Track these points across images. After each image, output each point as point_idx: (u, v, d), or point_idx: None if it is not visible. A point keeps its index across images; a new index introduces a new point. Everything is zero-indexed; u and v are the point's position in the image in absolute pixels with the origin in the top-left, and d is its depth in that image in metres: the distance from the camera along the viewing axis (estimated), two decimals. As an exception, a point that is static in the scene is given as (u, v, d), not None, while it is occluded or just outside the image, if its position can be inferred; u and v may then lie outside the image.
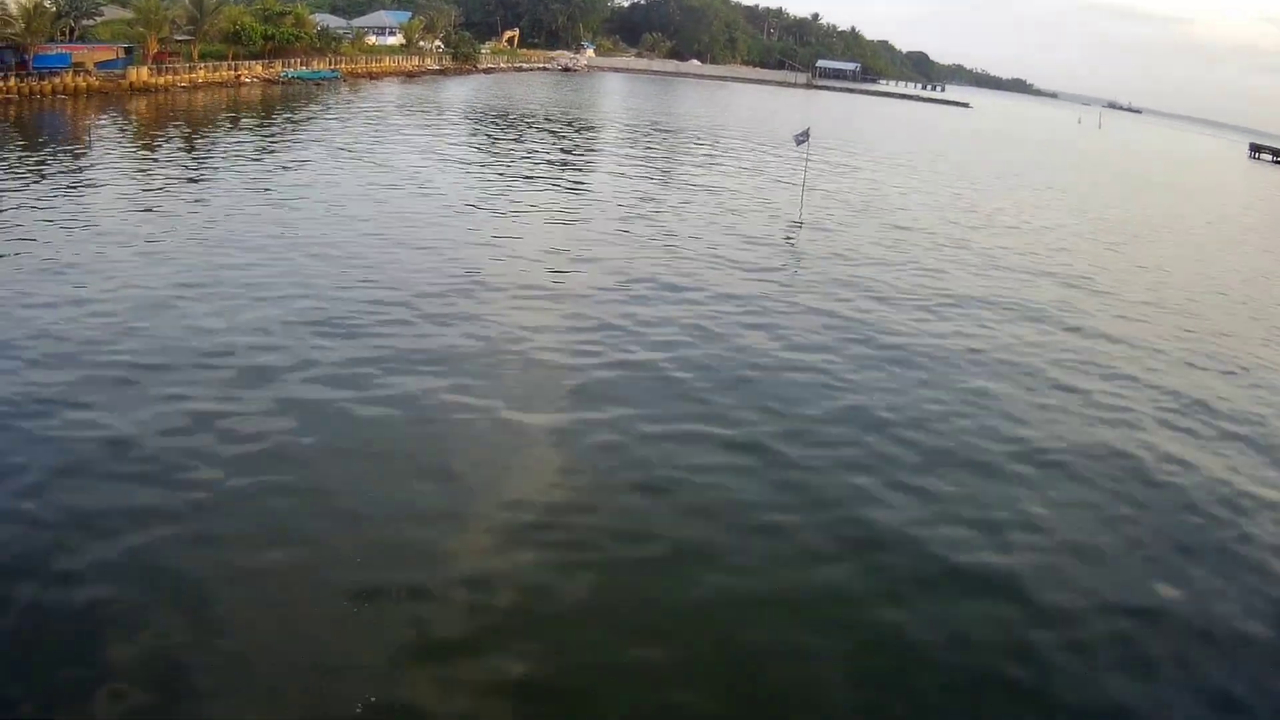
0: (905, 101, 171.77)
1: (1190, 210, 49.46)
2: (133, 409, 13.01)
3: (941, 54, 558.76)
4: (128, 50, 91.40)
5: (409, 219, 26.87)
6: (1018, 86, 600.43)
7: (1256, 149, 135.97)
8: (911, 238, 29.59)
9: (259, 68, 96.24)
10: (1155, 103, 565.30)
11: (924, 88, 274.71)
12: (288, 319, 17.27)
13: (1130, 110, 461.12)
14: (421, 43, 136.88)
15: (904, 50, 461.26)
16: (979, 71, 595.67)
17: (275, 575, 9.59)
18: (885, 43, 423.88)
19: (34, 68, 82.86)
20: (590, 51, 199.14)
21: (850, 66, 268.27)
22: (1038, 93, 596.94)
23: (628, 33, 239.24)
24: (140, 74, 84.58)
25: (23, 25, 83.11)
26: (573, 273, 21.94)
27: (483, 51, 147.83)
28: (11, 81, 79.41)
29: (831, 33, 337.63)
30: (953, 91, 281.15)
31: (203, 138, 44.59)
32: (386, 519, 10.81)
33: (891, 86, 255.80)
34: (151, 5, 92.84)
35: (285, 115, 60.03)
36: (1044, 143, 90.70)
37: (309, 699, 7.99)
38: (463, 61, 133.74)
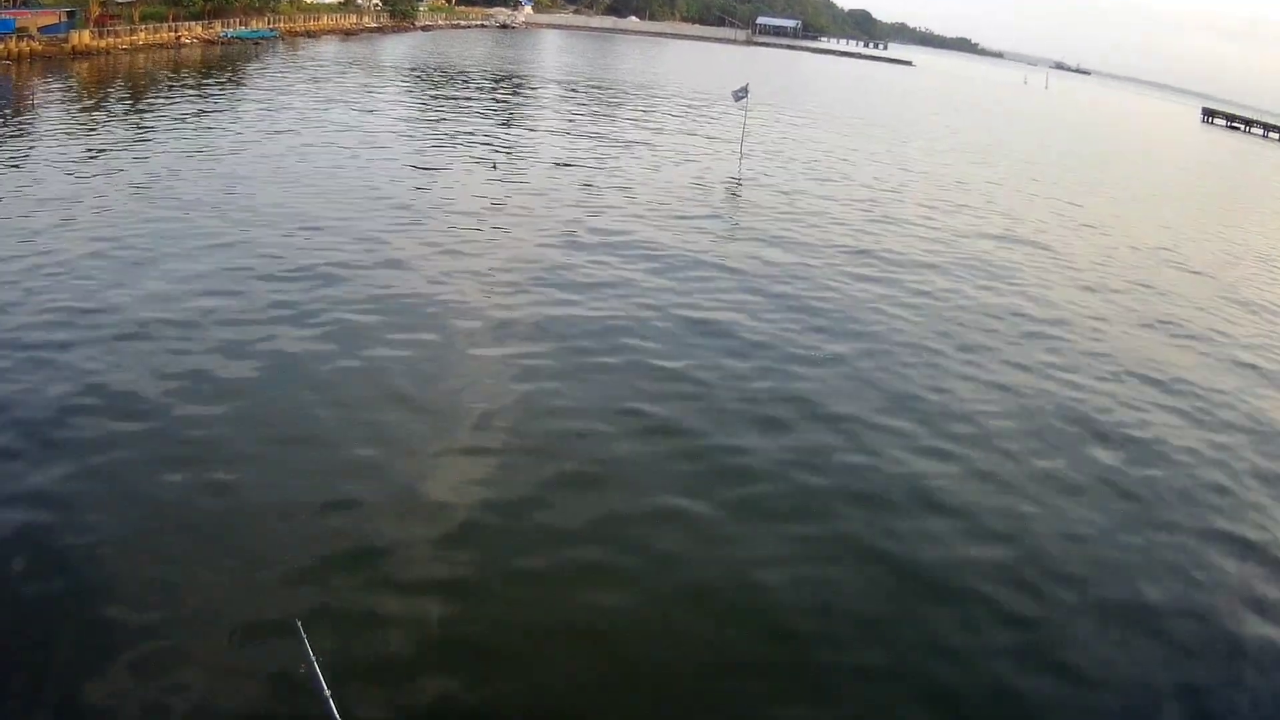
0: (847, 59, 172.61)
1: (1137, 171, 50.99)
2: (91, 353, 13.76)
3: (885, 13, 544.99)
4: (70, 14, 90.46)
5: (345, 175, 26.94)
6: (963, 46, 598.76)
7: (1209, 113, 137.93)
8: (846, 195, 29.93)
9: (199, 28, 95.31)
10: (1106, 66, 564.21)
11: (866, 45, 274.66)
12: (231, 268, 17.66)
13: (1079, 71, 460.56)
14: (359, 1, 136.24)
15: (846, 8, 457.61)
16: (923, 30, 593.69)
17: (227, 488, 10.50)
18: (828, 0, 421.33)
19: None
20: (528, 8, 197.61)
21: (791, 23, 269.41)
22: (983, 52, 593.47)
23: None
24: (83, 38, 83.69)
25: None
26: (505, 226, 22.25)
27: (420, 8, 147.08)
28: None
29: None
30: (896, 50, 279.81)
31: (143, 99, 44.63)
32: (328, 441, 11.69)
33: (833, 44, 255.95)
34: None
35: (225, 75, 60.02)
36: (986, 100, 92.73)
37: (251, 601, 8.67)
38: (400, 19, 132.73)
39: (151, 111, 39.03)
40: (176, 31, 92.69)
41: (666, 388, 13.82)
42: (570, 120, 42.59)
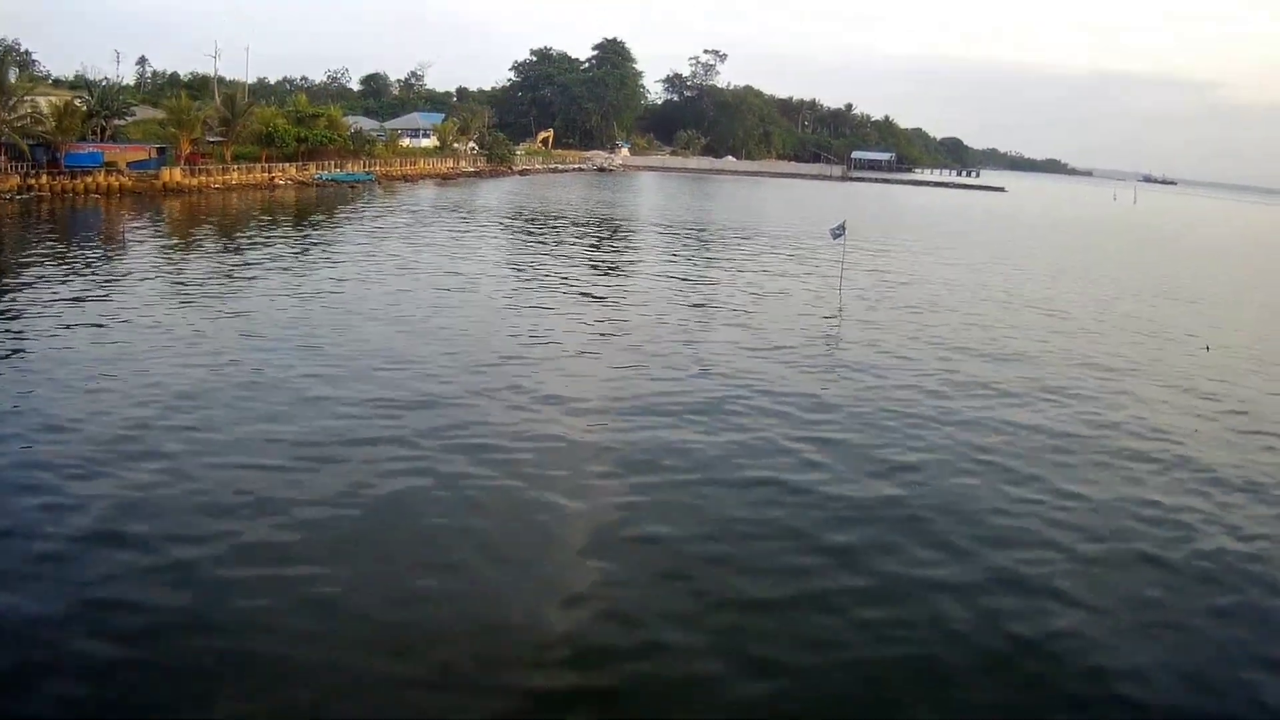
0: (941, 189, 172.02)
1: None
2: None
3: (976, 139, 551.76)
4: (160, 150, 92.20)
5: (444, 317, 27.04)
6: (1052, 167, 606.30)
7: None
8: (946, 324, 28.80)
9: (293, 170, 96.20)
10: (1190, 172, 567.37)
11: (959, 174, 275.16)
12: (341, 404, 18.04)
13: (1165, 183, 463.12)
14: (455, 144, 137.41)
15: (938, 137, 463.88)
16: (1013, 154, 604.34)
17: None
18: (919, 130, 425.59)
19: (65, 166, 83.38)
20: (625, 150, 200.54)
21: (885, 156, 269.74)
22: (1072, 172, 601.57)
23: (662, 130, 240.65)
24: (173, 174, 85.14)
25: (54, 123, 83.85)
26: (611, 363, 22.03)
27: (517, 152, 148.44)
28: (44, 179, 79.80)
29: (865, 123, 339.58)
30: (987, 176, 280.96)
31: (237, 238, 45.44)
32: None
33: (926, 175, 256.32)
34: (183, 105, 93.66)
35: (320, 217, 59.95)
36: (1081, 222, 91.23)
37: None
38: (498, 163, 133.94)
39: (248, 251, 40.20)
40: (270, 172, 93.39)
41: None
42: (670, 261, 42.12)
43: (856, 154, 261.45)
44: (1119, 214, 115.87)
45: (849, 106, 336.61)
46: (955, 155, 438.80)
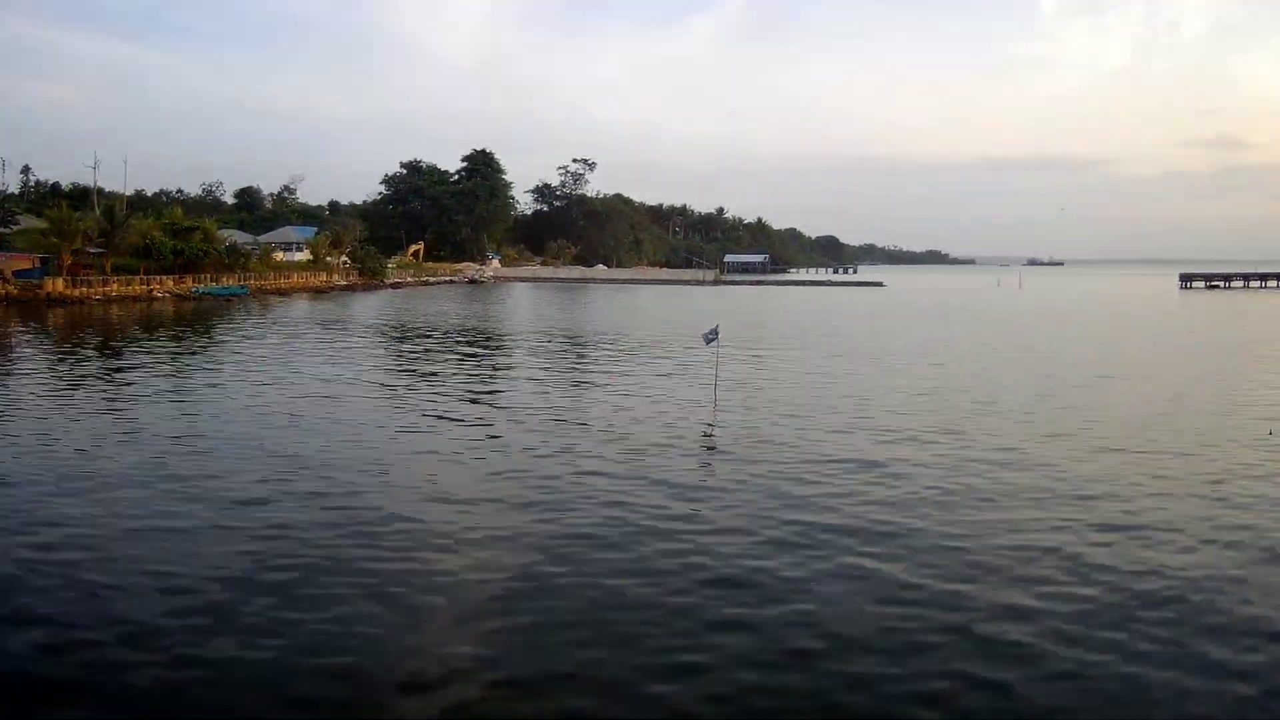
0: (817, 288, 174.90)
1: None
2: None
3: (852, 235, 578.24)
4: (44, 260, 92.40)
5: (313, 426, 26.86)
6: (933, 258, 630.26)
7: (1187, 278, 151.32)
8: (815, 425, 27.50)
9: (170, 282, 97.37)
10: (1081, 251, 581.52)
11: (835, 271, 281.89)
12: (204, 511, 17.74)
13: (1052, 264, 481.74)
14: (328, 258, 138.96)
15: (813, 236, 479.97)
16: (892, 249, 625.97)
17: None
18: (793, 230, 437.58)
19: None
20: (496, 262, 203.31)
21: (759, 258, 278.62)
22: (954, 261, 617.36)
23: (533, 240, 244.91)
24: (56, 285, 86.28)
25: None
26: (473, 480, 20.90)
27: (389, 266, 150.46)
28: None
29: (738, 225, 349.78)
30: (866, 272, 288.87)
31: (118, 349, 47.49)
32: None
33: (802, 274, 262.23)
34: (65, 216, 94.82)
35: (197, 330, 60.78)
36: (961, 313, 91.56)
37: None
38: (370, 276, 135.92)
39: (127, 362, 41.62)
40: (148, 285, 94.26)
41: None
42: (542, 370, 42.22)
43: (729, 257, 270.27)
44: (1003, 300, 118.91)
45: (720, 210, 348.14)
46: (831, 253, 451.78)
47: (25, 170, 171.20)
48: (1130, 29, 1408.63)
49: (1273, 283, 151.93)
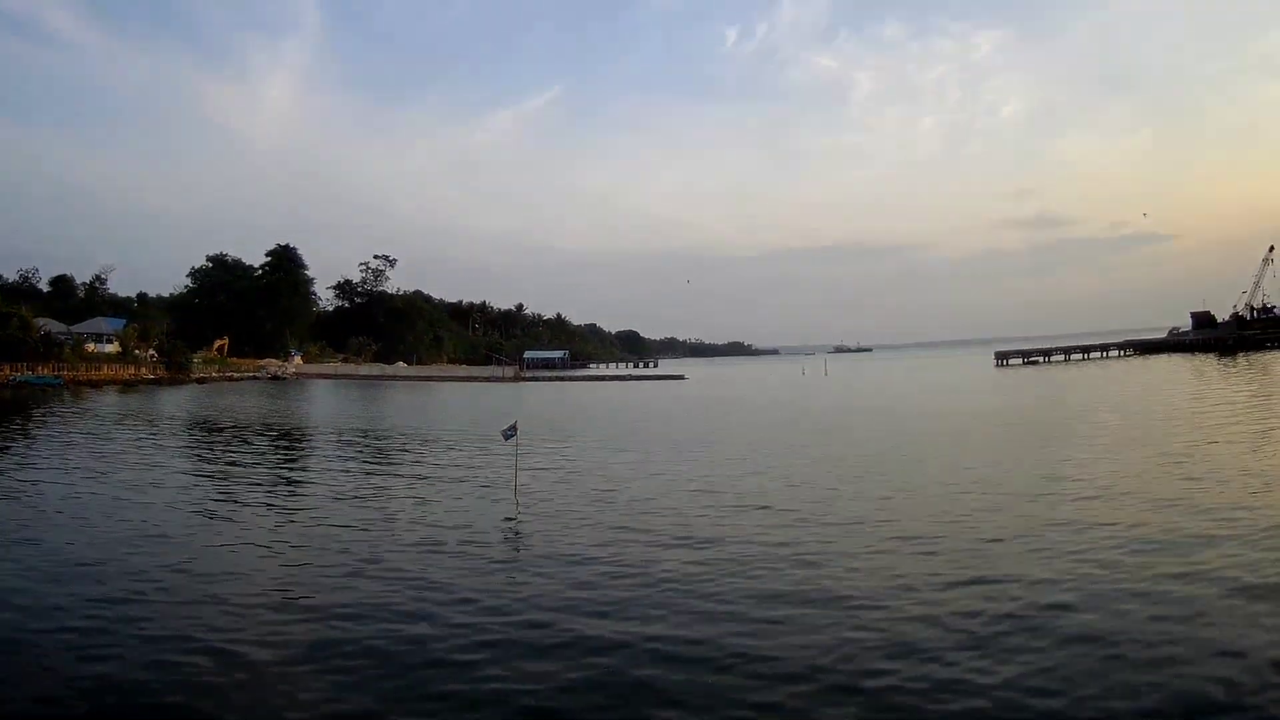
0: (618, 383, 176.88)
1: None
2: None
3: (652, 329, 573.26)
4: None
5: (123, 518, 28.24)
6: (736, 350, 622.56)
7: (1001, 356, 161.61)
8: (613, 518, 27.70)
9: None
10: (893, 337, 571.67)
11: (636, 366, 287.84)
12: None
13: (860, 350, 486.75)
14: (137, 351, 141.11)
15: (613, 331, 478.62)
16: (693, 341, 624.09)
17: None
18: (593, 326, 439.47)
19: None
20: (298, 359, 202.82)
21: (558, 355, 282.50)
22: (757, 352, 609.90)
23: (334, 336, 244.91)
24: None
25: None
26: (282, 564, 22.25)
27: (195, 360, 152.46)
28: None
29: (538, 322, 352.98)
30: (667, 365, 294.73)
31: None
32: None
33: (602, 369, 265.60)
34: None
35: (16, 420, 62.01)
36: (761, 403, 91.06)
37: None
38: (177, 370, 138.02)
39: None
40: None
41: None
42: (342, 468, 42.26)
43: (529, 354, 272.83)
44: (807, 387, 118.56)
45: (520, 307, 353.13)
46: (632, 347, 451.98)
47: None
48: (947, 113, 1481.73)
49: (1095, 354, 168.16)
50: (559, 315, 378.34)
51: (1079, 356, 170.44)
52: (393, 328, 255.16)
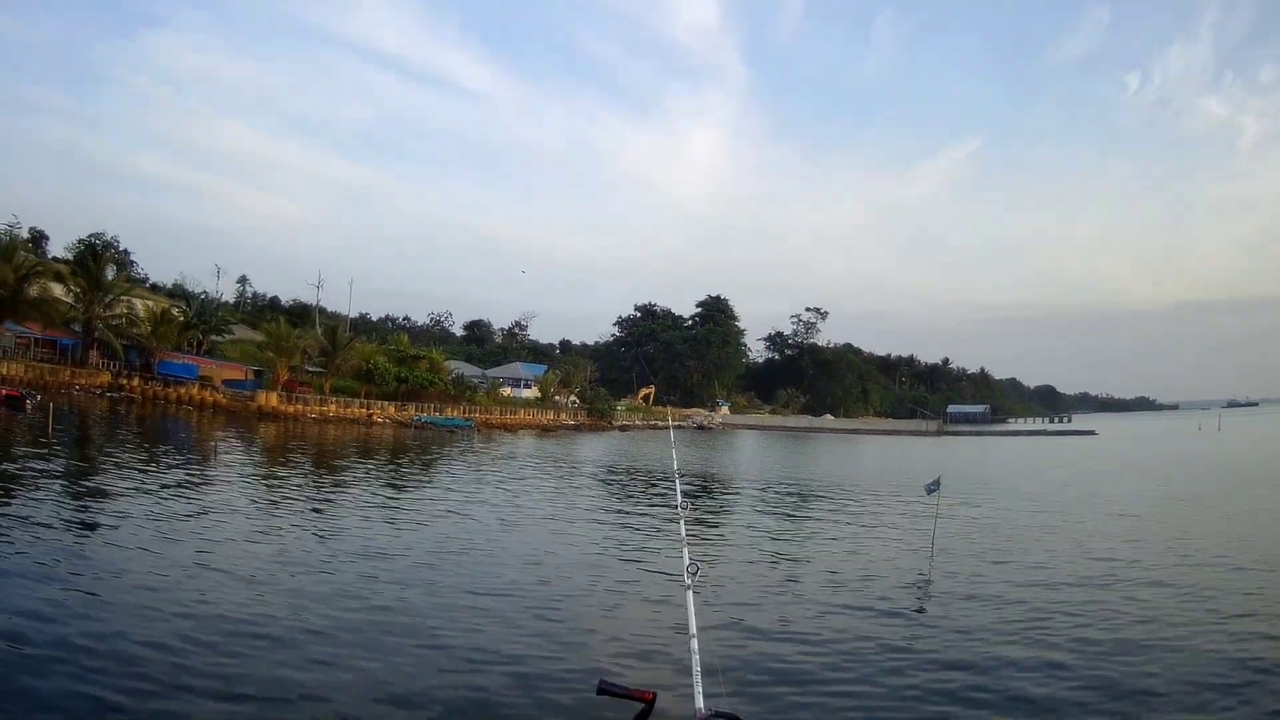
0: (1034, 438, 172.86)
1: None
2: None
3: (1067, 383, 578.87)
4: (258, 373, 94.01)
5: (534, 570, 26.53)
6: (1141, 404, 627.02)
7: None
8: (1026, 578, 27.14)
9: (391, 409, 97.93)
10: (1273, 390, 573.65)
11: (1051, 421, 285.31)
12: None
13: (1247, 405, 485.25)
14: (557, 396, 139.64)
15: (1031, 386, 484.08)
16: (1104, 396, 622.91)
17: None
18: (1013, 380, 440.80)
19: (158, 373, 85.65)
20: (725, 409, 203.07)
21: (979, 409, 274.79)
22: (1160, 407, 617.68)
23: (762, 388, 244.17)
24: (269, 399, 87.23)
25: (149, 328, 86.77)
26: (714, 614, 21.41)
27: (618, 408, 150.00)
28: (135, 381, 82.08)
29: (961, 376, 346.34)
30: (1079, 420, 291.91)
31: (329, 468, 47.22)
32: None
33: (1020, 424, 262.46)
34: (283, 332, 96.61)
35: (415, 457, 60.86)
36: (1165, 459, 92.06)
37: None
38: (598, 417, 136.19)
39: (335, 482, 41.97)
40: (369, 408, 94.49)
41: None
42: (764, 514, 42.47)
43: (952, 408, 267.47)
44: (1203, 445, 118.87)
45: (945, 361, 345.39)
46: (1048, 402, 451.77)
47: (242, 280, 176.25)
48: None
49: None
50: (983, 369, 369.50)
51: None
52: (820, 380, 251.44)
